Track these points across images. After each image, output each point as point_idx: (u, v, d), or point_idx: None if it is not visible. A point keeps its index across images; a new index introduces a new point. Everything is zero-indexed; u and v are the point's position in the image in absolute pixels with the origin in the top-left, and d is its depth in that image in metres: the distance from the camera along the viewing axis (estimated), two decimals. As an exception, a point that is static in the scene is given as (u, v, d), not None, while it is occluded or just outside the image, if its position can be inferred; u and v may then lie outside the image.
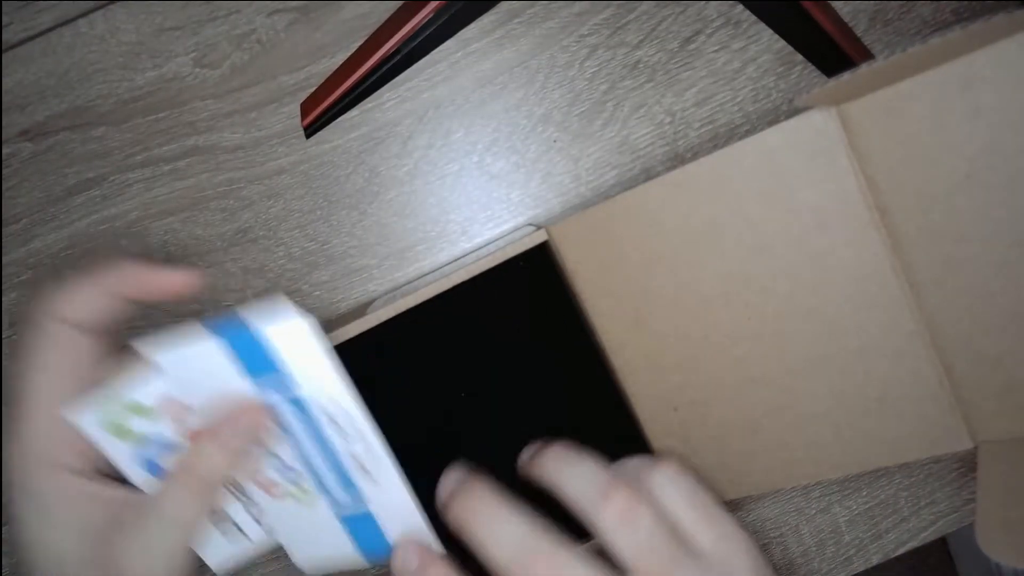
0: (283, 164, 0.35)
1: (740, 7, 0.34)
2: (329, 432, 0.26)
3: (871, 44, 0.34)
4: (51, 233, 0.35)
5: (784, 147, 0.25)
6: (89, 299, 0.25)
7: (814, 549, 0.37)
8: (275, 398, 0.25)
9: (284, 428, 0.26)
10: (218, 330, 0.24)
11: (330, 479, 0.27)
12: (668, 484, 0.26)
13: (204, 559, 0.27)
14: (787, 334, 0.28)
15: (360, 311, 0.32)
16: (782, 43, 0.34)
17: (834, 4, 0.34)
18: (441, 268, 0.35)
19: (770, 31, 0.34)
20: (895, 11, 0.34)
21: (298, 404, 0.25)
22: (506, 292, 0.31)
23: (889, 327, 0.26)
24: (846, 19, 0.34)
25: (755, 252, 0.27)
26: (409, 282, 0.36)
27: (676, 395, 0.30)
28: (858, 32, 0.34)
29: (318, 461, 0.26)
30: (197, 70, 0.34)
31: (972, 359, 0.25)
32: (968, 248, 0.24)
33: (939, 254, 0.24)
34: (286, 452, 0.26)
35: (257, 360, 0.24)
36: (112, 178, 0.35)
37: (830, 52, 0.34)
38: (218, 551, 0.28)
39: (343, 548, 0.28)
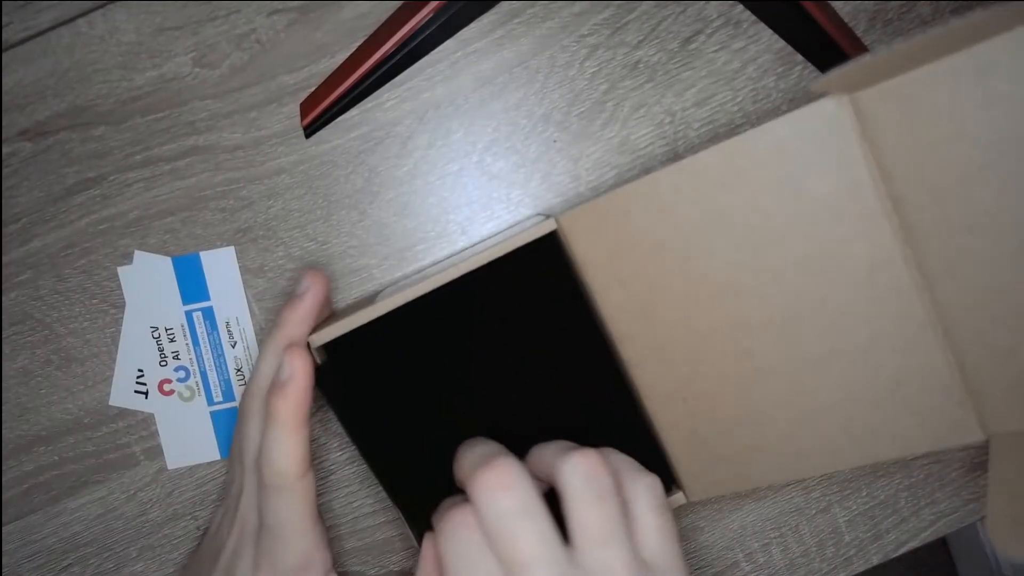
0: (283, 164, 0.35)
1: (740, 7, 0.34)
2: (224, 338, 0.35)
3: (871, 44, 0.34)
4: (51, 233, 0.35)
5: (795, 135, 0.25)
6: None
7: (814, 549, 0.37)
8: (192, 307, 0.35)
9: (192, 333, 0.35)
10: (175, 258, 0.35)
11: (212, 376, 0.35)
12: (647, 490, 0.27)
13: None
14: (797, 325, 0.27)
15: (368, 300, 0.32)
16: (782, 43, 0.34)
17: (834, 4, 0.34)
18: (450, 257, 0.35)
19: (770, 31, 0.34)
20: (895, 11, 0.34)
21: (208, 313, 0.35)
22: (514, 281, 0.31)
23: (900, 319, 0.25)
24: (846, 19, 0.34)
25: (765, 241, 0.27)
26: (417, 271, 0.36)
27: (685, 386, 0.30)
28: (858, 32, 0.34)
29: (208, 362, 0.35)
30: (197, 70, 0.34)
31: (984, 351, 0.25)
32: (982, 239, 0.23)
33: (952, 245, 0.24)
34: (187, 355, 0.35)
35: (191, 278, 0.35)
36: (112, 178, 0.35)
37: (830, 52, 0.34)
38: None
39: (206, 440, 0.36)
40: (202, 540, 0.33)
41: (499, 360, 0.31)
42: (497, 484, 0.24)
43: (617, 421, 0.32)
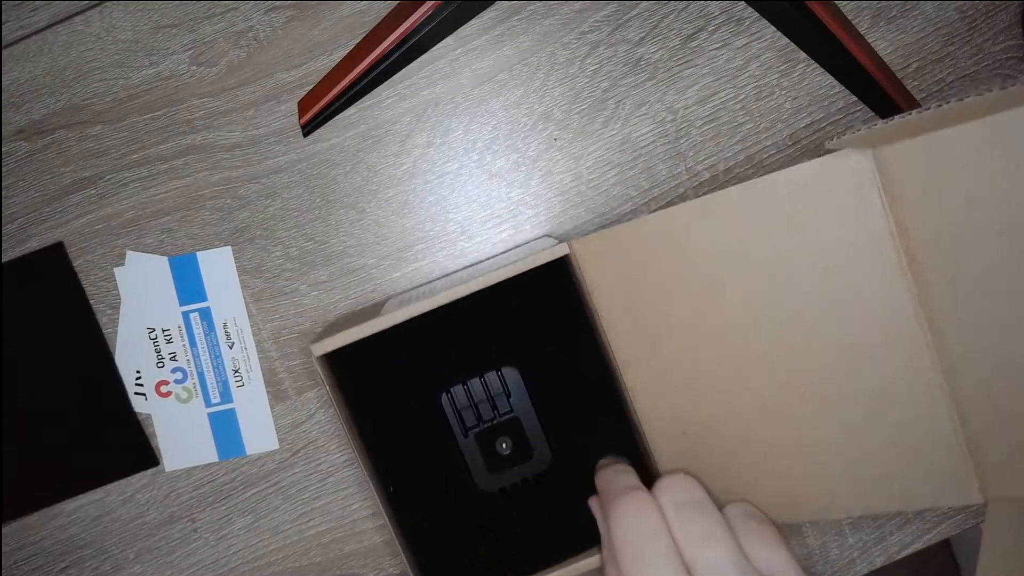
0: (280, 163, 0.35)
1: (742, 4, 0.34)
2: (221, 338, 0.35)
3: (874, 42, 0.34)
4: (47, 233, 0.34)
5: (817, 182, 0.25)
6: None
7: (817, 552, 0.37)
8: (189, 308, 0.34)
9: (190, 334, 0.35)
10: (171, 258, 0.34)
11: (210, 377, 0.35)
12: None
13: None
14: (804, 368, 0.27)
15: (374, 311, 0.32)
16: (785, 40, 0.34)
17: (837, 1, 0.34)
18: (458, 272, 0.35)
19: (772, 28, 0.34)
20: (898, 8, 0.34)
21: (206, 314, 0.35)
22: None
23: (908, 373, 0.25)
24: (849, 16, 0.34)
25: (779, 283, 0.27)
26: (421, 283, 0.35)
27: (686, 418, 0.30)
28: (861, 29, 0.34)
29: (206, 362, 0.35)
30: (194, 68, 0.34)
31: (991, 415, 0.25)
32: (995, 302, 0.23)
33: (966, 307, 0.24)
34: (184, 356, 0.35)
35: (188, 279, 0.34)
36: (108, 177, 0.34)
37: (833, 49, 0.33)
38: None
39: (203, 442, 0.35)
40: None
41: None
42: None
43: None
